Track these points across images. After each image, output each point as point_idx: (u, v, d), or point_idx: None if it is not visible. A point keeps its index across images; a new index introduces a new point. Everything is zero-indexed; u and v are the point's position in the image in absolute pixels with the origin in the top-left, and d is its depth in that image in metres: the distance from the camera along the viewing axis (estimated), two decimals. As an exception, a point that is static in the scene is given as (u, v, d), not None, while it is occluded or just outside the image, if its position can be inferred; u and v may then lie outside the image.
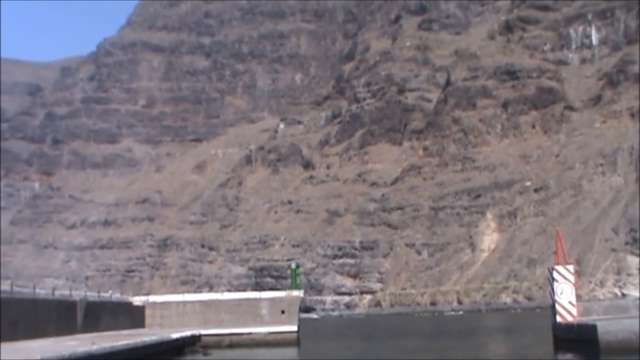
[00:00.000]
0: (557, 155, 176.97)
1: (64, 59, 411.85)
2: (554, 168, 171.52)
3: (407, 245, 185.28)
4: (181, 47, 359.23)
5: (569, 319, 35.82)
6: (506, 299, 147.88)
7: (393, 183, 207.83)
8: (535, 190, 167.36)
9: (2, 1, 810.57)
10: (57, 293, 56.25)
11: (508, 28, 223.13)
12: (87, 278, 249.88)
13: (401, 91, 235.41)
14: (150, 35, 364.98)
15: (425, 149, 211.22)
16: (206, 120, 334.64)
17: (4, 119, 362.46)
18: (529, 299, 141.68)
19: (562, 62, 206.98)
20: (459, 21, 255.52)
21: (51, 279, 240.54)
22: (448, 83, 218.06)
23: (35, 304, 46.26)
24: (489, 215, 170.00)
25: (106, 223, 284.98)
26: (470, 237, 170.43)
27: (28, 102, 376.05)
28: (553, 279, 36.77)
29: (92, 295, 62.10)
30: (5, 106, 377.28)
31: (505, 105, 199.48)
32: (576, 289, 36.99)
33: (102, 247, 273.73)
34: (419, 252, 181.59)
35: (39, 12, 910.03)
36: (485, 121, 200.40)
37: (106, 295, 70.64)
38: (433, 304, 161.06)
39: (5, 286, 47.81)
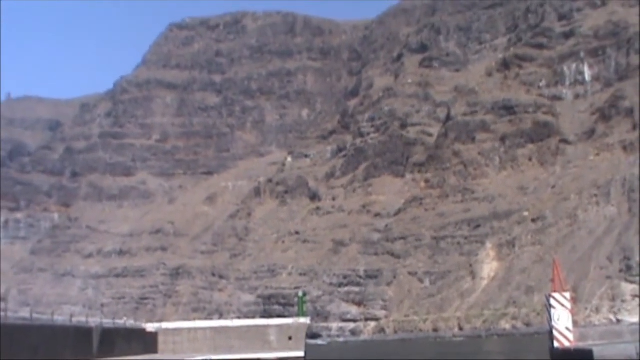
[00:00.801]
0: (553, 187, 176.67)
1: (83, 96, 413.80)
2: (550, 199, 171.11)
3: (409, 273, 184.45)
4: (193, 84, 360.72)
5: (566, 344, 35.54)
6: (505, 325, 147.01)
7: (396, 214, 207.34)
8: (533, 220, 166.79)
9: (24, 41, 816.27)
10: (75, 320, 56.10)
11: (505, 65, 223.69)
12: (102, 305, 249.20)
13: (403, 126, 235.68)
14: (164, 73, 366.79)
15: (426, 181, 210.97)
16: (217, 154, 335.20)
17: (26, 153, 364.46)
18: (528, 325, 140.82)
19: (557, 98, 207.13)
20: (459, 59, 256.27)
21: (69, 306, 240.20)
22: (448, 118, 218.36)
23: (54, 330, 46.12)
24: (489, 245, 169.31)
25: (121, 252, 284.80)
26: (471, 265, 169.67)
27: (49, 137, 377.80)
28: (550, 306, 36.53)
29: (107, 322, 61.89)
30: (27, 141, 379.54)
31: (503, 139, 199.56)
32: (573, 315, 36.75)
33: (117, 276, 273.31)
34: (421, 280, 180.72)
35: (60, 51, 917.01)
36: (484, 154, 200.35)
37: (121, 322, 70.35)
38: (435, 330, 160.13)
39: (25, 313, 47.70)
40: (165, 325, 75.46)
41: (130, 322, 75.85)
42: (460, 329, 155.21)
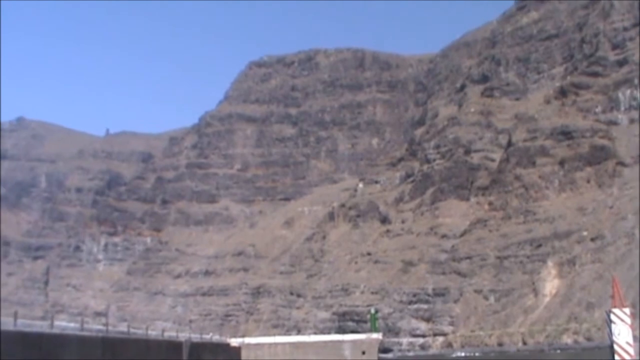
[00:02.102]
0: (610, 207, 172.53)
1: (172, 130, 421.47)
2: (608, 219, 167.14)
3: (475, 291, 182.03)
4: (271, 117, 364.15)
5: (627, 358, 34.53)
6: (567, 339, 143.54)
7: (462, 235, 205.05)
8: (592, 240, 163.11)
9: (119, 82, 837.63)
10: (166, 334, 57.17)
11: (562, 93, 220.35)
12: (190, 321, 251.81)
13: (467, 152, 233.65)
14: (245, 107, 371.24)
15: (490, 203, 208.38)
16: (294, 182, 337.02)
17: (122, 183, 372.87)
18: (589, 339, 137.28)
19: (612, 123, 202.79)
20: (518, 88, 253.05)
21: (161, 322, 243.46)
22: (509, 144, 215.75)
23: (148, 344, 47.11)
24: (550, 263, 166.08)
25: (207, 273, 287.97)
26: (533, 283, 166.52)
27: (141, 168, 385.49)
28: (611, 321, 35.61)
29: (195, 337, 62.86)
30: (123, 172, 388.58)
31: (562, 163, 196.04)
32: (632, 330, 35.73)
33: (203, 294, 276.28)
34: (486, 298, 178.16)
35: (150, 90, 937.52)
36: (544, 177, 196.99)
37: (207, 336, 71.16)
38: (500, 344, 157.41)
39: (123, 327, 48.80)
40: (247, 340, 76.00)
41: (215, 337, 76.67)
42: (524, 343, 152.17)
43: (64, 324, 43.80)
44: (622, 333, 35.09)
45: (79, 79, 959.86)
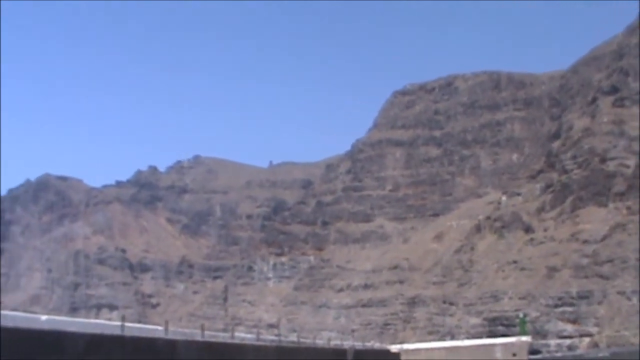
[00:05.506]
0: None
1: (328, 158, 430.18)
2: None
3: (618, 293, 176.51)
4: (417, 140, 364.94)
5: None
6: None
7: (602, 240, 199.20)
8: None
9: (280, 116, 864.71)
10: (332, 343, 61.44)
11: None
12: (353, 331, 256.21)
13: (603, 160, 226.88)
14: (392, 133, 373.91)
15: (628, 208, 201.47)
16: (441, 198, 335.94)
17: (286, 208, 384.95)
18: None
19: None
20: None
21: (326, 332, 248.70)
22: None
23: (316, 351, 51.30)
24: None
25: (366, 286, 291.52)
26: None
27: (302, 194, 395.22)
28: None
29: (358, 345, 66.77)
30: (287, 198, 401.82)
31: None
32: None
33: (363, 306, 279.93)
34: (629, 299, 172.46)
35: (308, 123, 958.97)
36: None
37: (369, 344, 75.07)
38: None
39: (294, 337, 53.69)
40: (406, 346, 78.87)
41: (376, 344, 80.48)
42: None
43: (242, 335, 48.21)
44: None
45: (244, 118, 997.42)
